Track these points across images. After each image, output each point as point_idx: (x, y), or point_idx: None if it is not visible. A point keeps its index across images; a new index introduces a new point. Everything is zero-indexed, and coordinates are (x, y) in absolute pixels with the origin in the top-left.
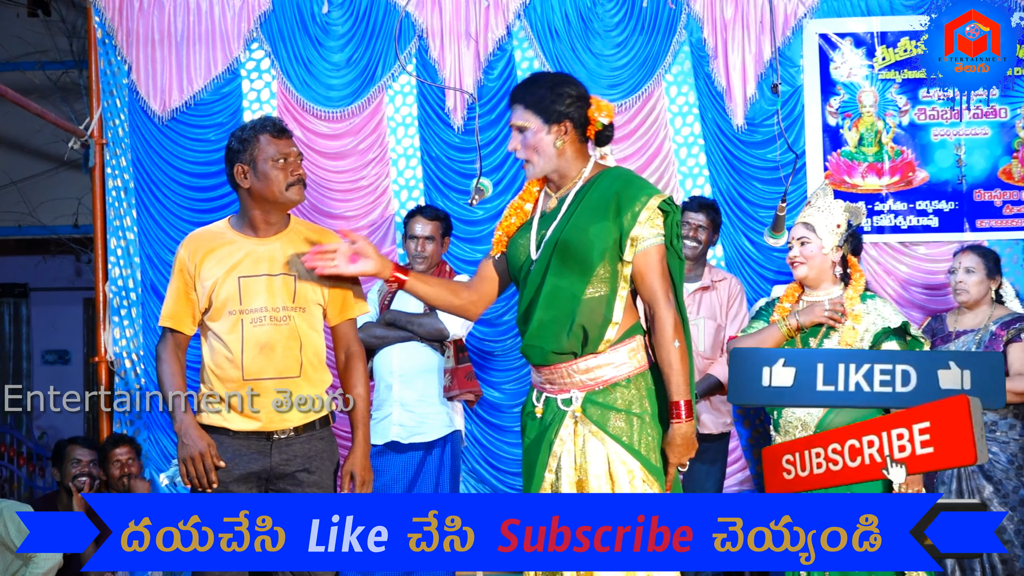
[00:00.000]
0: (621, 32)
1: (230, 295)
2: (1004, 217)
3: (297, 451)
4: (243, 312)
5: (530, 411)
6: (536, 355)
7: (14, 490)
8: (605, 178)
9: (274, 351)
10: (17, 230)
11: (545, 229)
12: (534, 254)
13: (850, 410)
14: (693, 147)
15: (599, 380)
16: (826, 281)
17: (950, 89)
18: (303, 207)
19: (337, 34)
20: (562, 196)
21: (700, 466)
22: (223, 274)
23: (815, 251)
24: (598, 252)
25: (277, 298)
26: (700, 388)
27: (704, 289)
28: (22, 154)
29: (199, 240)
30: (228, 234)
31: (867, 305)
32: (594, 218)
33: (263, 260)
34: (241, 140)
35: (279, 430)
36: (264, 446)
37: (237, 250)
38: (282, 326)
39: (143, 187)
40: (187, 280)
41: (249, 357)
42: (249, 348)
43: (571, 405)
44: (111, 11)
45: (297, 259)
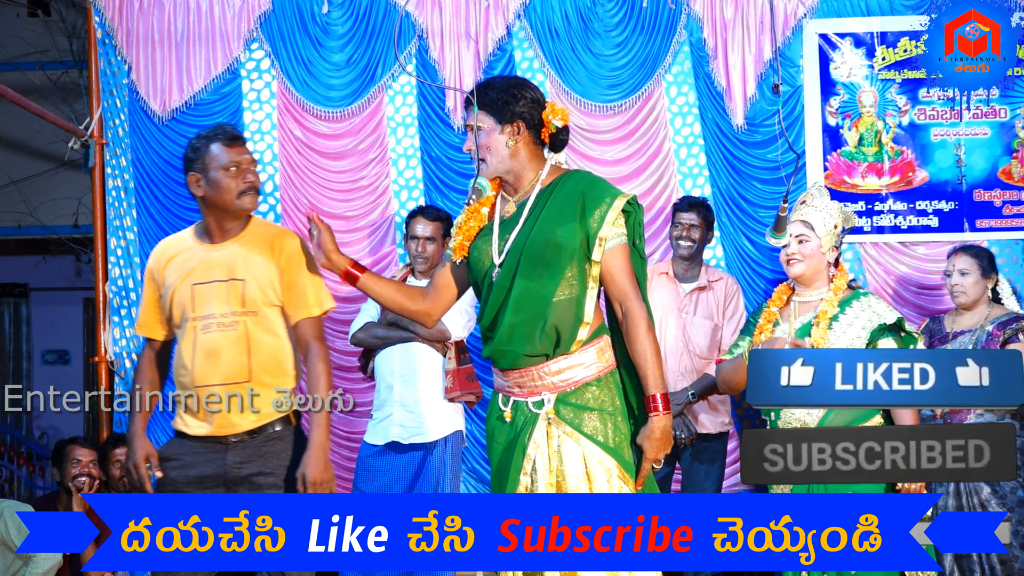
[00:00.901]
0: (621, 32)
1: (184, 302)
2: (1004, 217)
3: (252, 453)
4: (195, 319)
5: (499, 415)
6: (506, 359)
7: (14, 490)
8: (567, 181)
9: (219, 357)
10: (17, 230)
11: (508, 234)
12: (497, 259)
13: (848, 413)
14: (693, 147)
15: (571, 381)
16: (820, 281)
17: (950, 89)
18: (303, 206)
19: (337, 34)
20: (521, 200)
21: (699, 466)
22: (179, 282)
23: (814, 250)
24: (567, 254)
25: (226, 304)
26: (698, 388)
27: (701, 289)
28: (22, 154)
29: (163, 248)
30: (188, 241)
31: (861, 303)
32: (560, 220)
33: (216, 266)
34: (194, 149)
35: (231, 434)
36: (220, 449)
37: (192, 257)
38: (229, 332)
39: (143, 187)
40: (154, 287)
41: (198, 364)
42: (198, 355)
43: (543, 407)
44: (111, 11)
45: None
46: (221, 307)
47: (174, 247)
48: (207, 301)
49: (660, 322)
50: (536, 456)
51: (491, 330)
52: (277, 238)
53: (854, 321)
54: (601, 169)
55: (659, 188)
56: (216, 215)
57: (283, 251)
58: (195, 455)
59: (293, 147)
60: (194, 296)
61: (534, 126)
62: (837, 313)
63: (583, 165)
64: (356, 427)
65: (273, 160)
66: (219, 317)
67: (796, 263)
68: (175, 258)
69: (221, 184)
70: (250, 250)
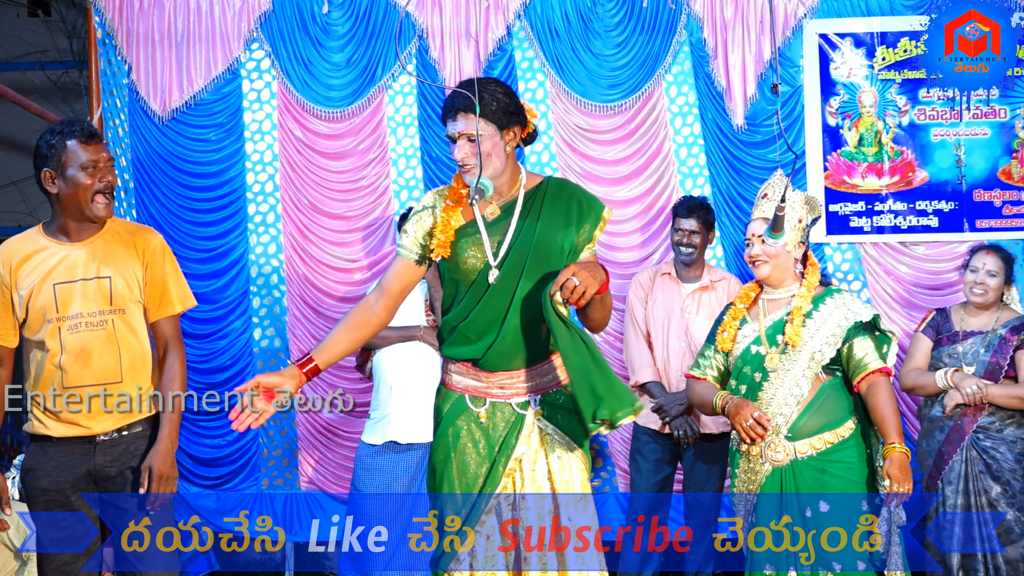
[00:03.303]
0: (621, 32)
1: (46, 303)
2: (1004, 217)
3: (121, 451)
4: (60, 319)
5: (470, 416)
6: (503, 361)
7: None
8: (552, 186)
9: (91, 357)
10: (17, 230)
11: (498, 235)
12: (494, 260)
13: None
14: (693, 147)
15: (553, 382)
16: (788, 279)
17: (950, 89)
18: (303, 206)
19: (337, 34)
20: (506, 203)
21: (701, 466)
22: (38, 282)
23: (778, 249)
24: (565, 256)
25: (93, 303)
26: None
27: (703, 289)
28: (22, 154)
29: (12, 249)
30: (41, 240)
31: (835, 299)
32: (560, 224)
33: (78, 265)
34: (49, 145)
35: (101, 432)
36: (87, 449)
37: (51, 256)
38: (98, 331)
39: (143, 187)
40: (2, 291)
41: (68, 364)
42: (68, 355)
43: (529, 408)
44: (111, 11)
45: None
46: (88, 306)
47: (25, 247)
48: (72, 300)
49: (663, 322)
50: (523, 456)
51: (482, 331)
52: (138, 234)
53: (828, 318)
54: (601, 169)
55: (659, 188)
56: (71, 215)
57: (146, 247)
58: (61, 459)
59: (293, 147)
60: (57, 296)
61: (522, 129)
62: (811, 310)
63: (583, 165)
64: (357, 427)
65: (273, 160)
66: (87, 316)
67: (761, 265)
68: (29, 259)
69: (78, 181)
70: (112, 247)
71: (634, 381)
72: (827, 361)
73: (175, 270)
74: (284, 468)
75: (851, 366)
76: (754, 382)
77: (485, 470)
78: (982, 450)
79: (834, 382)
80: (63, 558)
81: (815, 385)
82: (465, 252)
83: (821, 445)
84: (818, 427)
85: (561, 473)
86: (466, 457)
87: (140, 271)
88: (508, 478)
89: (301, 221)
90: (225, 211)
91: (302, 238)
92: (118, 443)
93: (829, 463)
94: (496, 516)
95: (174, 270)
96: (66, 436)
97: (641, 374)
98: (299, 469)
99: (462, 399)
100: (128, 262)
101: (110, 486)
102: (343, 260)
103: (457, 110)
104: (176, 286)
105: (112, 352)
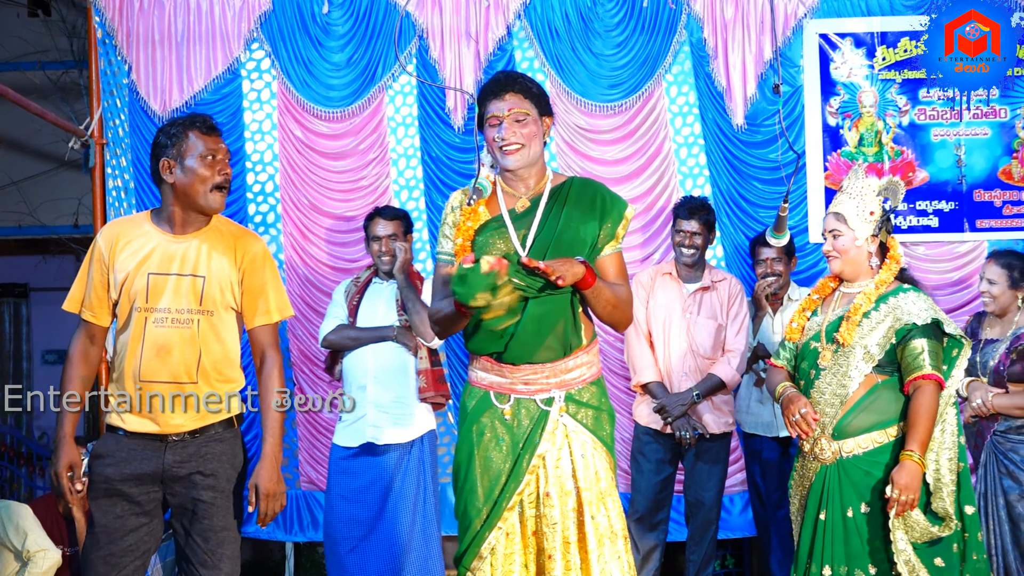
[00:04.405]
0: (621, 32)
1: (138, 290)
2: (1004, 217)
3: (192, 453)
4: (147, 310)
5: (494, 413)
6: (526, 352)
7: (14, 490)
8: (579, 183)
9: (170, 355)
10: (17, 230)
11: (523, 228)
12: (523, 251)
13: (871, 413)
14: (693, 147)
15: (578, 379)
16: (863, 274)
17: (950, 89)
18: (303, 206)
19: (337, 34)
20: (534, 196)
21: (703, 466)
22: (134, 267)
23: (848, 243)
24: (588, 250)
25: (183, 299)
26: (702, 388)
27: (704, 289)
28: (22, 154)
29: (117, 229)
30: (146, 226)
31: (898, 299)
32: (584, 218)
33: (175, 258)
34: (169, 135)
35: (173, 433)
36: (158, 447)
37: (149, 243)
38: (183, 329)
39: (143, 187)
40: (103, 269)
41: (146, 358)
42: (147, 349)
43: (553, 404)
44: (111, 11)
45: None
46: (178, 302)
47: (130, 230)
48: (163, 293)
49: (664, 322)
50: (546, 453)
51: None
52: (241, 239)
53: (884, 319)
54: (601, 169)
55: (659, 188)
56: (183, 205)
57: (247, 253)
58: (131, 452)
59: (293, 147)
60: (149, 286)
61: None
62: (870, 309)
63: (583, 165)
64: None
65: (273, 160)
66: (174, 312)
67: (833, 260)
68: (131, 242)
69: (197, 171)
70: (212, 247)
71: (636, 381)
72: (878, 361)
73: (275, 278)
74: (284, 468)
75: (903, 368)
76: (809, 378)
77: (509, 467)
78: (1001, 453)
79: (888, 383)
80: (112, 549)
81: (865, 385)
82: (488, 244)
83: (869, 444)
84: (866, 426)
85: (585, 471)
86: (489, 454)
87: (236, 276)
88: (531, 475)
89: (301, 221)
90: (226, 211)
91: (302, 238)
92: (189, 444)
93: (875, 464)
94: (519, 514)
95: (274, 278)
96: (138, 431)
97: (643, 374)
98: (299, 469)
99: (487, 396)
100: (225, 266)
101: (177, 487)
102: (343, 260)
103: (507, 89)
104: (275, 294)
105: (192, 352)
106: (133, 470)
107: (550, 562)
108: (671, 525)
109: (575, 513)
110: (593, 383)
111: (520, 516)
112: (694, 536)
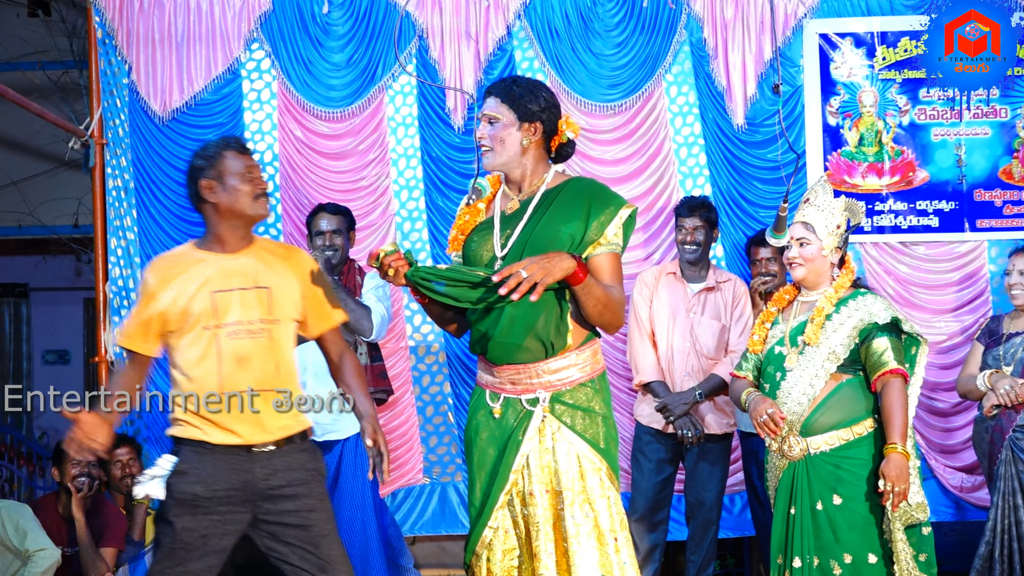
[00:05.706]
0: (621, 32)
1: (203, 310)
2: (1004, 217)
3: (278, 465)
4: (218, 326)
5: (487, 411)
6: (504, 352)
7: (14, 490)
8: (574, 184)
9: (251, 363)
10: (17, 230)
11: (510, 228)
12: (500, 252)
13: (836, 410)
14: (693, 147)
15: (566, 381)
16: (824, 283)
17: (950, 89)
18: (303, 206)
19: (337, 34)
20: (526, 198)
21: (704, 466)
22: (195, 290)
23: (815, 253)
24: (570, 249)
25: (252, 311)
26: (705, 388)
27: (709, 290)
28: (22, 154)
29: (167, 263)
30: (195, 254)
31: (857, 301)
32: (567, 218)
33: (235, 274)
34: (206, 157)
35: (259, 443)
36: (245, 459)
37: (207, 267)
38: (258, 338)
39: (143, 187)
40: (152, 304)
41: (227, 369)
42: (226, 361)
43: (537, 405)
44: (111, 11)
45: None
46: (247, 314)
47: (181, 262)
48: (231, 308)
49: (667, 322)
50: (529, 453)
51: (488, 323)
52: (292, 253)
53: (847, 320)
54: (601, 169)
55: (659, 188)
56: (231, 222)
57: (301, 265)
58: (216, 467)
59: (293, 147)
60: (216, 303)
61: (547, 132)
62: (832, 312)
63: (583, 165)
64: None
65: (274, 160)
66: (246, 324)
67: (797, 267)
68: (185, 273)
69: (239, 188)
70: (267, 261)
71: (638, 380)
72: (842, 361)
73: (327, 286)
74: None
75: (868, 366)
76: (775, 380)
77: (497, 465)
78: (1020, 450)
79: (852, 381)
80: (190, 567)
81: (830, 383)
82: (476, 244)
83: (836, 442)
84: (832, 424)
85: (568, 471)
86: (484, 452)
87: (298, 288)
88: (517, 474)
89: (301, 221)
90: None
91: (302, 238)
92: (275, 455)
93: (843, 459)
94: (509, 511)
95: (326, 285)
96: (223, 443)
97: (645, 373)
98: None
99: (483, 395)
100: (287, 278)
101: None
102: None
103: (489, 92)
104: (331, 300)
105: (271, 359)
106: (223, 485)
107: (536, 561)
108: (671, 525)
109: (556, 512)
110: (586, 384)
111: (512, 514)
112: (694, 536)
